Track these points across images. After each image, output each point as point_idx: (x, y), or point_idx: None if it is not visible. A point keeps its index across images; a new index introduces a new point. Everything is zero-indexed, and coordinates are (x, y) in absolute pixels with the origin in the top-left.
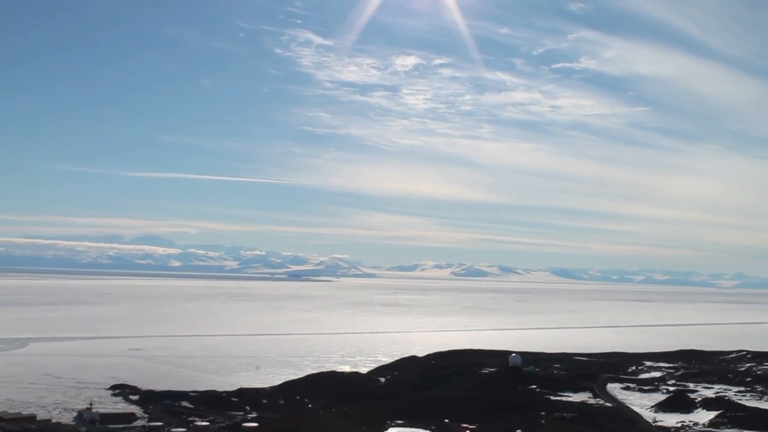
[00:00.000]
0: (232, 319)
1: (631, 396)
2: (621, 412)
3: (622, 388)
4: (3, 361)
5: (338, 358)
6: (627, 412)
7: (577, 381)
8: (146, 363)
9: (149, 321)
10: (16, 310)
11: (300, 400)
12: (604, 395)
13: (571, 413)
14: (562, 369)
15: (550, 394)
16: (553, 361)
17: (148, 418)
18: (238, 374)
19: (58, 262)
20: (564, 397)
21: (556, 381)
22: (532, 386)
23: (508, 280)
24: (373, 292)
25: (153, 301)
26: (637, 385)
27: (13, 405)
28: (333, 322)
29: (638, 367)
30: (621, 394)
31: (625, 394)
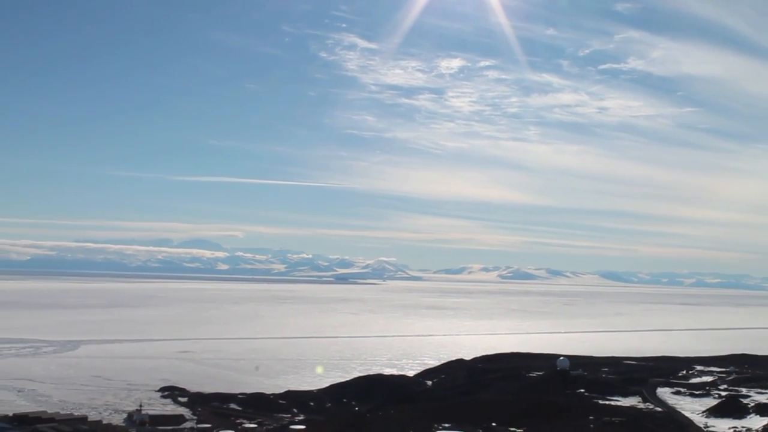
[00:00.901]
0: (279, 321)
1: (681, 401)
2: (672, 416)
3: (673, 393)
4: (55, 363)
5: (385, 360)
6: (678, 417)
7: (626, 385)
8: (195, 365)
9: (197, 324)
10: (67, 312)
11: (347, 402)
12: (654, 400)
13: (621, 418)
14: (610, 373)
15: (598, 399)
16: (602, 365)
17: (196, 420)
18: (286, 377)
19: (108, 266)
20: (613, 401)
21: (604, 385)
22: (580, 390)
23: (555, 283)
24: (419, 295)
25: (201, 304)
26: (688, 389)
27: (65, 406)
28: (380, 325)
29: (689, 372)
30: (671, 398)
31: (676, 398)
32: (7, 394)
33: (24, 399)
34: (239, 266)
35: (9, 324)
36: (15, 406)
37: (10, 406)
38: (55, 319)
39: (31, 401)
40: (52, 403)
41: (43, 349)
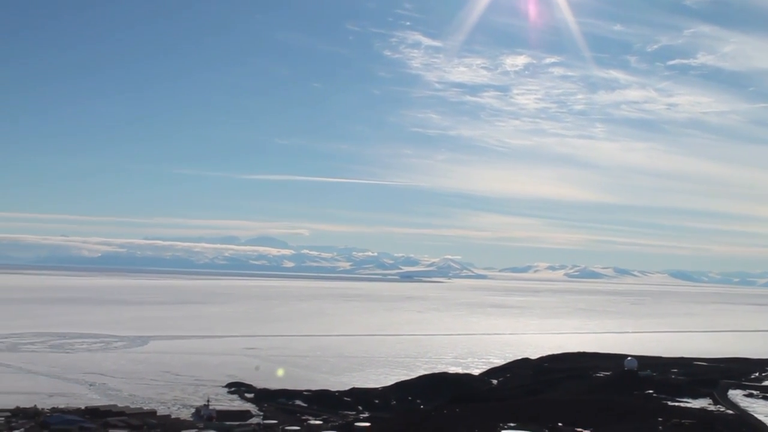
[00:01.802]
0: (345, 319)
1: (754, 404)
2: (744, 419)
3: (745, 395)
4: (126, 359)
5: (450, 359)
6: (750, 420)
7: (696, 387)
8: (261, 362)
9: (263, 321)
10: (137, 309)
11: (412, 400)
12: (725, 402)
13: (691, 420)
14: (680, 374)
15: (667, 400)
16: (671, 366)
17: (262, 416)
18: (351, 374)
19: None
20: (682, 403)
21: (673, 386)
22: (648, 391)
23: (623, 282)
24: (485, 293)
25: (267, 301)
26: (761, 392)
27: (135, 400)
28: (445, 323)
29: (762, 374)
30: (743, 401)
31: (748, 401)
32: (79, 388)
33: (95, 392)
34: (305, 264)
35: (81, 319)
36: (87, 400)
37: (82, 400)
38: (125, 315)
39: (102, 395)
40: (122, 397)
41: (114, 345)
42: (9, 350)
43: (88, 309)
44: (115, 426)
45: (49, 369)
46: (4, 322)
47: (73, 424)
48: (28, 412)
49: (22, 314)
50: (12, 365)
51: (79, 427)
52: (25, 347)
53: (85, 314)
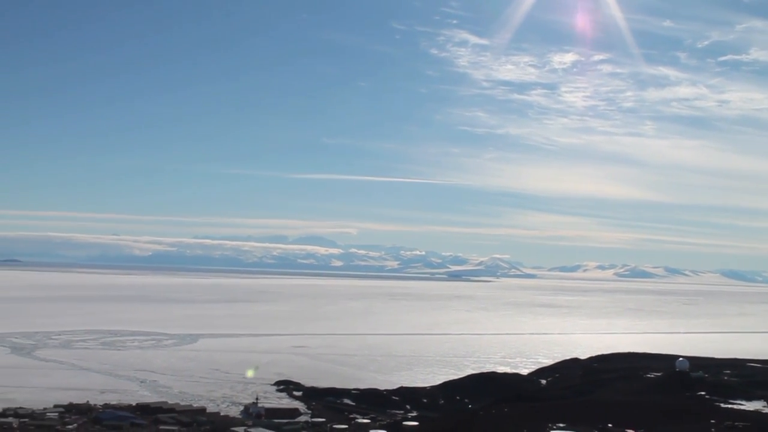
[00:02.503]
0: (393, 318)
1: None
2: None
3: None
4: (176, 356)
5: (498, 358)
6: None
7: (750, 388)
8: (309, 360)
9: (312, 319)
10: (186, 307)
11: (460, 400)
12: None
13: (744, 422)
14: (733, 375)
15: (720, 402)
16: (724, 367)
17: (311, 414)
18: (399, 373)
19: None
20: (735, 405)
21: (727, 388)
22: (700, 393)
23: (674, 281)
24: (533, 292)
25: (315, 300)
26: None
27: (185, 397)
28: (493, 322)
29: None
30: None
31: None
32: (130, 385)
33: (146, 389)
34: (353, 263)
35: (132, 317)
36: (137, 396)
37: (133, 396)
38: (175, 313)
39: (153, 392)
40: (173, 394)
41: (164, 342)
42: (63, 347)
43: (139, 307)
44: (165, 423)
45: (101, 366)
46: (58, 319)
47: (124, 420)
48: (81, 407)
49: (75, 312)
50: (65, 362)
51: (130, 423)
52: (78, 344)
53: (136, 312)
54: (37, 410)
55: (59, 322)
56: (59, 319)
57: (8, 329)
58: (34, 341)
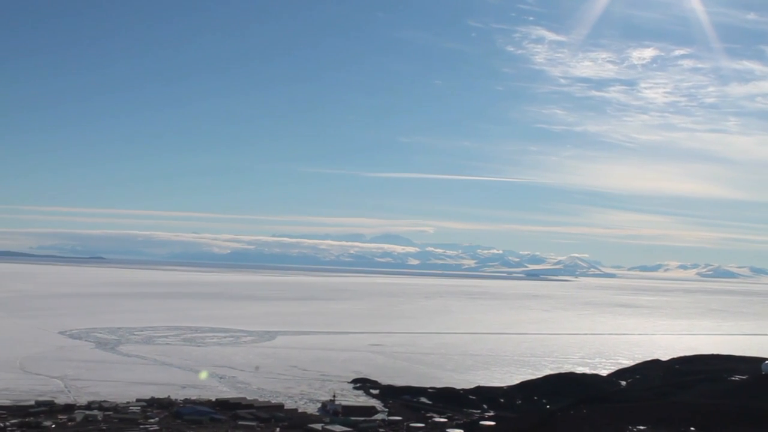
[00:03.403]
0: (470, 317)
1: None
2: None
3: None
4: (255, 353)
5: (577, 359)
6: None
7: None
8: (386, 358)
9: (388, 317)
10: (265, 304)
11: (537, 400)
12: None
13: None
14: None
15: None
16: None
17: (387, 412)
18: (476, 372)
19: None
20: None
21: None
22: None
23: (760, 282)
24: (613, 292)
25: (392, 299)
26: None
27: (263, 394)
28: (571, 322)
29: None
30: None
31: None
32: (210, 380)
33: (225, 385)
34: (430, 261)
35: (211, 314)
36: (217, 392)
37: (212, 392)
38: (253, 310)
39: (232, 388)
40: (251, 390)
41: (243, 339)
42: (145, 343)
43: (218, 304)
44: (244, 418)
45: (181, 361)
46: (140, 315)
47: (204, 414)
48: (162, 402)
49: (156, 308)
50: (147, 357)
51: (209, 417)
52: (160, 340)
53: (215, 309)
54: (120, 404)
55: (141, 318)
56: (141, 315)
57: (93, 325)
58: (117, 337)
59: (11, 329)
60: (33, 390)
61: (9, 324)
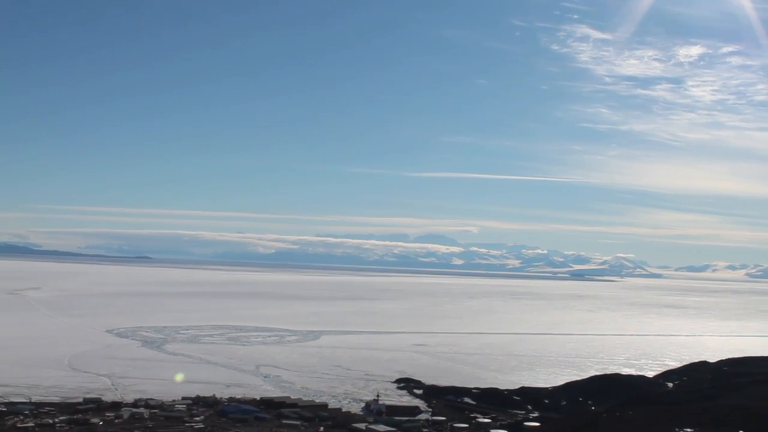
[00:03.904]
0: (514, 317)
1: None
2: None
3: None
4: (299, 352)
5: (623, 360)
6: None
7: None
8: (430, 358)
9: (432, 317)
10: (309, 304)
11: (583, 401)
12: None
13: None
14: None
15: None
16: None
17: (431, 412)
18: (520, 373)
19: (346, 260)
20: None
21: None
22: None
23: None
24: (659, 293)
25: (436, 298)
26: None
27: (307, 393)
28: (617, 323)
29: None
30: None
31: None
32: (254, 379)
33: (269, 384)
34: (474, 261)
35: (256, 313)
36: (261, 391)
37: (257, 391)
38: (297, 309)
39: (276, 386)
40: (295, 389)
41: (287, 338)
42: (190, 342)
43: (262, 303)
44: (288, 417)
45: (226, 360)
46: (186, 314)
47: (248, 413)
48: (207, 400)
49: (202, 308)
50: (193, 356)
51: (254, 416)
52: (205, 339)
53: (260, 308)
54: (166, 402)
55: (187, 317)
56: (187, 314)
57: (140, 323)
58: (163, 335)
59: (60, 328)
60: (81, 387)
61: (58, 322)
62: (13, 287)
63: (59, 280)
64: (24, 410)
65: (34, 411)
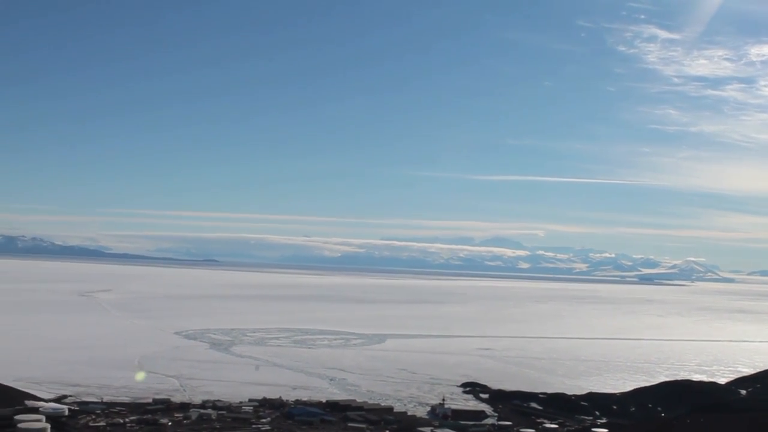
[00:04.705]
0: (581, 321)
1: None
2: None
3: None
4: (365, 356)
5: (693, 366)
6: None
7: None
8: (495, 363)
9: (498, 321)
10: (374, 307)
11: (652, 408)
12: None
13: None
14: None
15: None
16: None
17: (497, 417)
18: (588, 378)
19: (412, 263)
20: None
21: None
22: None
23: None
24: (731, 297)
25: (502, 302)
26: None
27: (372, 396)
28: (687, 328)
29: None
30: None
31: None
32: (320, 382)
33: (335, 387)
34: (540, 265)
35: (322, 317)
36: (327, 394)
37: (323, 393)
38: (363, 313)
39: (342, 389)
40: (361, 392)
41: (353, 341)
42: (257, 344)
43: (328, 307)
44: (354, 420)
45: (292, 363)
46: (253, 317)
47: (315, 416)
48: (274, 402)
49: (268, 310)
50: (260, 358)
51: (320, 419)
52: (272, 342)
53: (326, 312)
54: (233, 403)
55: (254, 319)
56: (254, 317)
57: (207, 326)
58: (231, 337)
59: (130, 329)
60: (150, 388)
61: (128, 324)
62: (84, 289)
63: (129, 283)
64: (96, 410)
65: (105, 410)
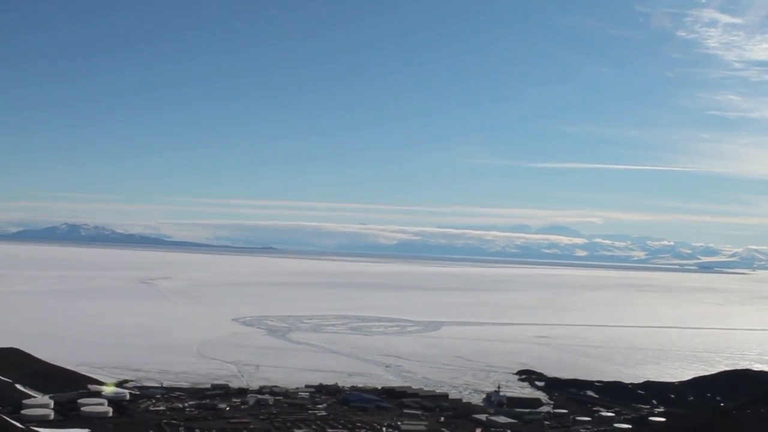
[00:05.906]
0: (639, 310)
1: None
2: None
3: None
4: (420, 343)
5: (755, 356)
6: None
7: None
8: (552, 350)
9: (554, 309)
10: (430, 295)
11: (711, 397)
12: None
13: None
14: None
15: None
16: None
17: (553, 404)
18: (645, 367)
19: (467, 251)
20: None
21: None
22: None
23: None
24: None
25: (558, 290)
26: None
27: (428, 383)
28: (748, 317)
29: None
30: None
31: None
32: (376, 369)
33: (391, 374)
34: (597, 252)
35: (378, 304)
36: (383, 380)
37: (378, 380)
38: (419, 300)
39: (397, 376)
40: (416, 379)
41: (408, 329)
42: (314, 331)
43: (384, 294)
44: (409, 407)
45: (349, 349)
46: (310, 304)
47: (370, 402)
48: (330, 388)
49: (324, 297)
50: (317, 345)
51: (375, 405)
52: (328, 328)
53: (382, 299)
54: (290, 389)
55: (310, 306)
56: (310, 304)
57: (265, 312)
58: (288, 324)
59: (189, 316)
60: (209, 374)
61: (187, 311)
62: (145, 276)
63: (189, 270)
64: (156, 394)
65: (165, 395)
